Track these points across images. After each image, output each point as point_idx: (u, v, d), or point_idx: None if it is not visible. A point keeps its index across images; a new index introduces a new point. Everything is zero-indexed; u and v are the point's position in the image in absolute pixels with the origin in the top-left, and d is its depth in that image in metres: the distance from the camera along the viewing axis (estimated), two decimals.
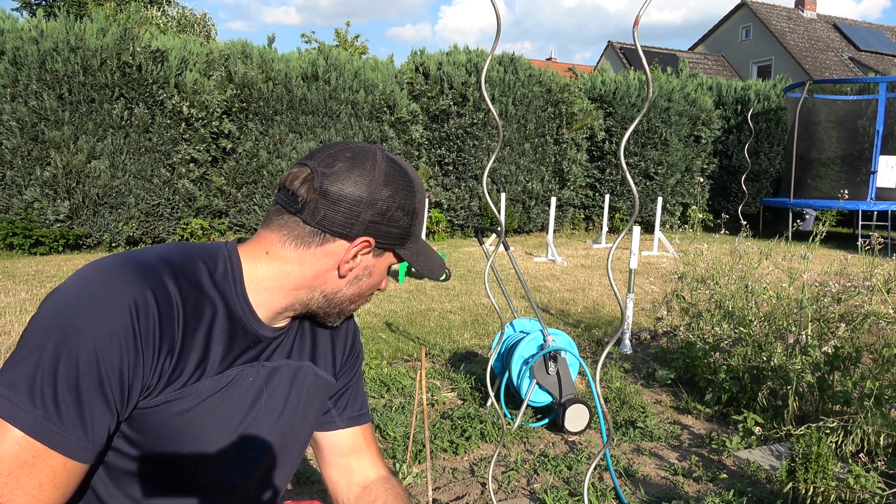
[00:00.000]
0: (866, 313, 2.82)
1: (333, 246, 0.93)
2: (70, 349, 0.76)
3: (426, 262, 1.04)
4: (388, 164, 0.95)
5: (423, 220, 1.02)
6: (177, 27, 20.50)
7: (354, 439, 1.17)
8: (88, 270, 0.84)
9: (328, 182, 0.90)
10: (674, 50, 28.14)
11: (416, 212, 0.98)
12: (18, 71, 6.89)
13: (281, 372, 1.01)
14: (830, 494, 2.01)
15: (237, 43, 8.71)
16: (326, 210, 0.91)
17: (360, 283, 0.99)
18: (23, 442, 0.75)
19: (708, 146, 11.74)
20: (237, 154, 8.39)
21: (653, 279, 5.88)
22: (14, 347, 0.81)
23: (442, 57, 9.88)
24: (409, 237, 0.99)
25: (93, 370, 0.78)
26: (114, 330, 0.79)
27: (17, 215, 7.08)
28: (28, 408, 0.75)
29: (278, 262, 0.94)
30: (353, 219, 0.92)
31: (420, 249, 1.03)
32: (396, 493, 1.15)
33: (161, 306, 0.83)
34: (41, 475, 0.76)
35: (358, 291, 1.00)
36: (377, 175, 0.93)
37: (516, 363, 2.85)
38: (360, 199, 0.92)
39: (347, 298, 1.00)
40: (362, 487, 1.15)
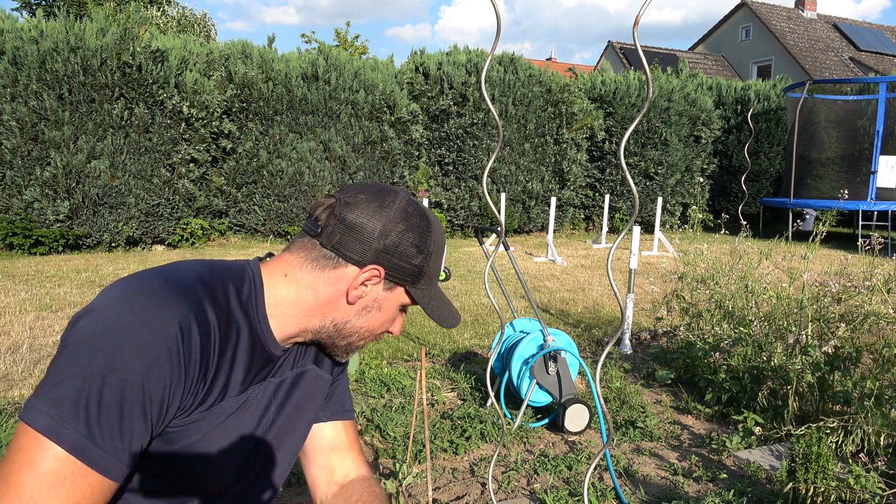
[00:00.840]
0: (866, 313, 2.82)
1: (345, 271, 0.97)
2: (117, 372, 0.77)
3: (439, 309, 1.06)
4: (409, 204, 1.00)
5: (438, 266, 1.05)
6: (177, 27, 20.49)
7: (336, 435, 1.19)
8: (130, 291, 0.83)
9: (347, 210, 0.96)
10: (674, 50, 28.14)
11: (431, 253, 1.01)
12: (18, 71, 6.89)
13: (286, 382, 1.05)
14: (830, 494, 2.01)
15: (237, 43, 8.71)
16: (342, 235, 0.96)
17: (370, 315, 1.01)
18: (64, 459, 0.76)
19: (708, 146, 11.74)
20: (237, 154, 8.40)
21: (653, 279, 5.88)
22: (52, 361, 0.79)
23: (442, 57, 9.88)
24: (421, 277, 1.01)
25: (137, 394, 0.79)
26: (160, 355, 0.80)
27: (17, 215, 7.08)
28: (72, 427, 0.76)
29: (295, 285, 0.97)
30: (365, 246, 0.96)
31: (435, 295, 1.06)
32: (374, 493, 1.16)
33: (202, 332, 0.86)
34: (78, 493, 0.77)
35: (367, 325, 1.02)
36: (395, 210, 0.98)
37: (516, 363, 2.85)
38: (375, 229, 0.96)
39: (356, 331, 1.02)
40: (341, 486, 1.17)
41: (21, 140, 6.95)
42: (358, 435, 1.24)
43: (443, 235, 1.05)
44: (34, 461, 0.75)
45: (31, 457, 0.75)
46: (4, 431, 1.99)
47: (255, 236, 8.87)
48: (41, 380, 0.80)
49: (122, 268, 6.41)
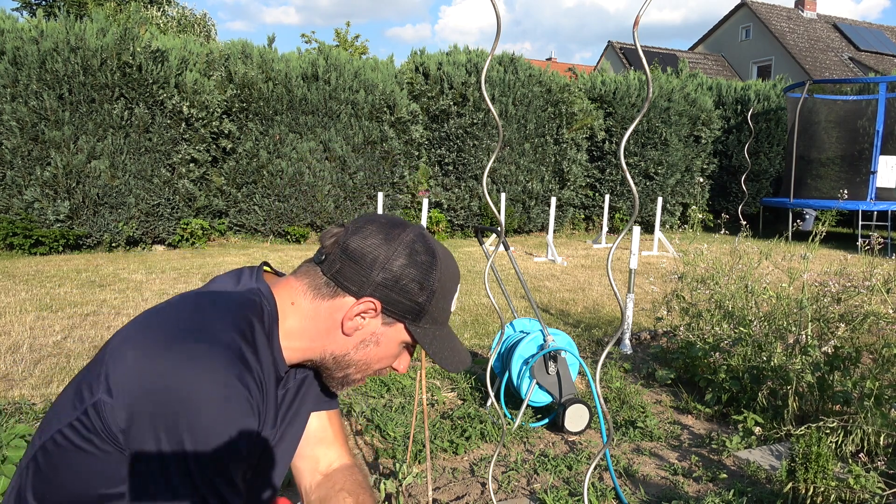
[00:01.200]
0: (866, 313, 2.82)
1: (343, 301, 0.97)
2: (217, 450, 0.81)
3: (442, 350, 1.02)
4: (417, 239, 0.99)
5: (444, 307, 1.01)
6: (177, 27, 20.50)
7: (321, 425, 1.20)
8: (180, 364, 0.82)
9: (351, 239, 0.96)
10: (674, 50, 28.14)
11: (434, 291, 0.98)
12: (18, 71, 6.89)
13: (290, 391, 1.08)
14: (830, 494, 2.01)
15: (237, 43, 8.71)
16: (342, 264, 0.96)
17: (367, 350, 1.00)
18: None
19: (708, 146, 11.74)
20: (237, 154, 8.40)
21: (653, 279, 5.88)
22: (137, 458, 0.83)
23: (442, 57, 9.88)
24: (422, 315, 0.99)
25: (238, 460, 0.85)
26: (245, 425, 0.84)
27: (17, 215, 7.08)
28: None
29: (299, 315, 0.98)
30: (363, 277, 0.95)
31: (439, 335, 1.02)
32: (356, 481, 1.17)
33: (259, 386, 0.89)
34: None
35: (365, 359, 1.01)
36: (399, 243, 0.97)
37: (516, 363, 2.85)
38: (375, 260, 0.95)
39: (354, 363, 1.01)
40: (324, 475, 1.18)
41: (21, 140, 6.95)
42: (343, 422, 1.26)
43: (454, 277, 1.02)
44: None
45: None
46: (4, 431, 1.99)
47: (255, 236, 8.87)
48: (142, 472, 0.82)
49: (122, 268, 6.41)
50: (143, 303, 4.91)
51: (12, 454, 1.84)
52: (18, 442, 1.91)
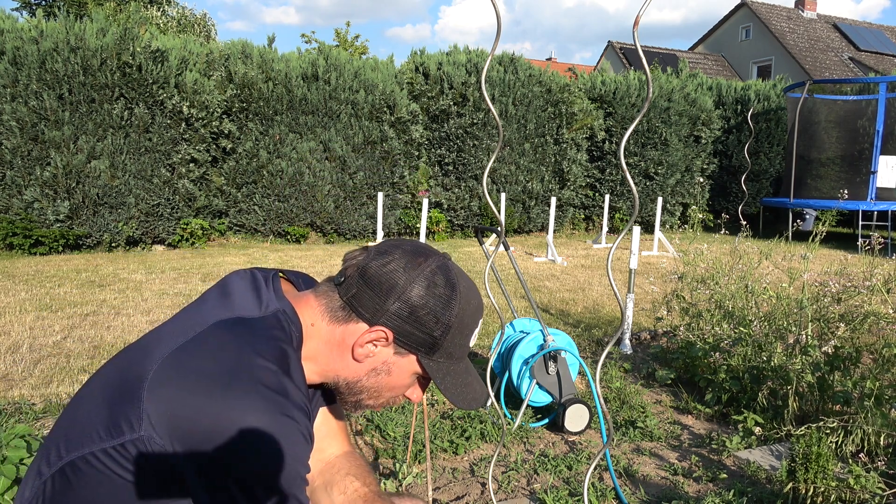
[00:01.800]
0: (866, 313, 2.82)
1: (356, 327, 0.96)
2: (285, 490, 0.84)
3: (455, 387, 0.99)
4: (438, 270, 0.96)
5: (461, 343, 0.99)
6: (177, 27, 20.50)
7: (324, 420, 1.21)
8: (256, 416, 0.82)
9: (371, 265, 0.95)
10: (674, 50, 28.14)
11: (451, 326, 0.95)
12: (18, 71, 6.89)
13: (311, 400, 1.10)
14: (830, 494, 2.01)
15: (237, 43, 8.71)
16: (359, 289, 0.95)
17: (379, 378, 0.99)
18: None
19: (708, 146, 11.74)
20: (237, 154, 8.40)
21: (653, 279, 5.88)
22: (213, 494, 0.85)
23: (442, 57, 9.88)
24: (436, 349, 0.97)
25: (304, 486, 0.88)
26: (302, 456, 0.86)
27: (17, 215, 7.08)
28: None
29: (317, 338, 0.98)
30: (378, 304, 0.94)
31: (454, 371, 1.00)
32: (359, 465, 1.19)
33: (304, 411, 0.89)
34: None
35: (376, 387, 1.00)
36: (419, 273, 0.94)
37: (516, 363, 2.85)
38: (392, 288, 0.94)
39: (366, 392, 1.01)
40: (326, 463, 1.20)
41: (21, 140, 6.95)
42: (343, 413, 1.26)
43: (475, 313, 0.99)
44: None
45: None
46: (4, 431, 1.99)
47: (255, 236, 8.87)
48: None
49: (122, 268, 6.41)
50: (142, 303, 4.91)
51: (12, 454, 1.83)
52: (18, 442, 1.91)
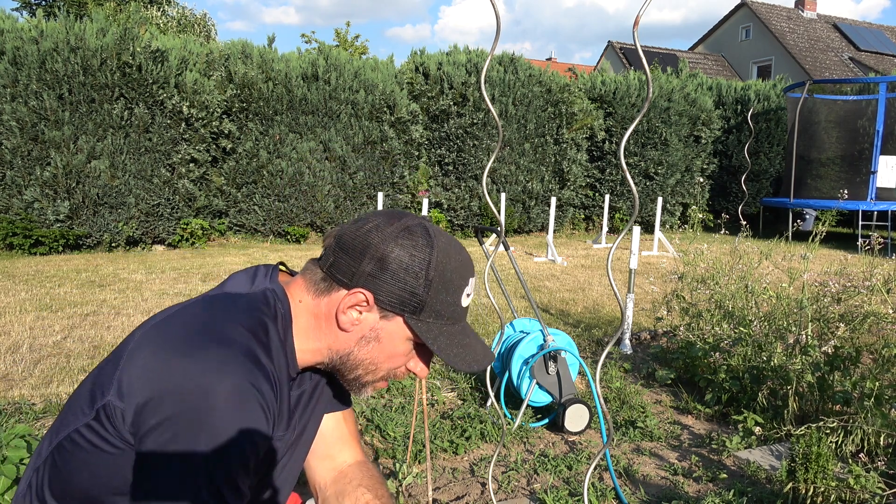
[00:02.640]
0: (866, 313, 2.82)
1: (337, 295, 0.94)
2: (224, 453, 0.80)
3: (451, 347, 0.94)
4: (416, 227, 0.94)
5: (448, 298, 0.94)
6: (177, 27, 20.50)
7: (337, 425, 1.20)
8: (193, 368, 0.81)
9: (347, 231, 0.93)
10: (674, 50, 28.14)
11: (431, 281, 0.91)
12: (18, 71, 6.89)
13: (305, 394, 1.08)
14: (830, 494, 2.01)
15: (237, 43, 8.71)
16: (336, 256, 0.93)
17: (370, 348, 0.95)
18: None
19: (708, 146, 11.74)
20: (237, 154, 8.40)
21: (653, 279, 5.88)
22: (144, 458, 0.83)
23: (442, 57, 9.88)
24: (421, 307, 0.92)
25: (245, 465, 0.83)
26: (255, 429, 0.83)
27: (17, 215, 7.08)
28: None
29: (305, 314, 0.96)
30: (354, 267, 0.91)
31: (447, 332, 0.95)
32: (372, 475, 1.18)
33: (273, 389, 0.88)
34: None
35: (370, 358, 0.96)
36: (394, 230, 0.92)
37: (516, 363, 2.85)
38: (366, 249, 0.91)
39: (362, 366, 0.97)
40: (339, 472, 1.18)
41: (21, 140, 6.95)
42: (356, 422, 1.26)
43: (460, 270, 0.95)
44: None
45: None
46: (4, 431, 1.99)
47: (255, 236, 8.87)
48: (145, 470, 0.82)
49: (122, 268, 6.41)
50: (142, 303, 4.91)
51: (12, 454, 1.83)
52: (18, 442, 1.91)
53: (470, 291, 0.98)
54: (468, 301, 0.98)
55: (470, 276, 0.98)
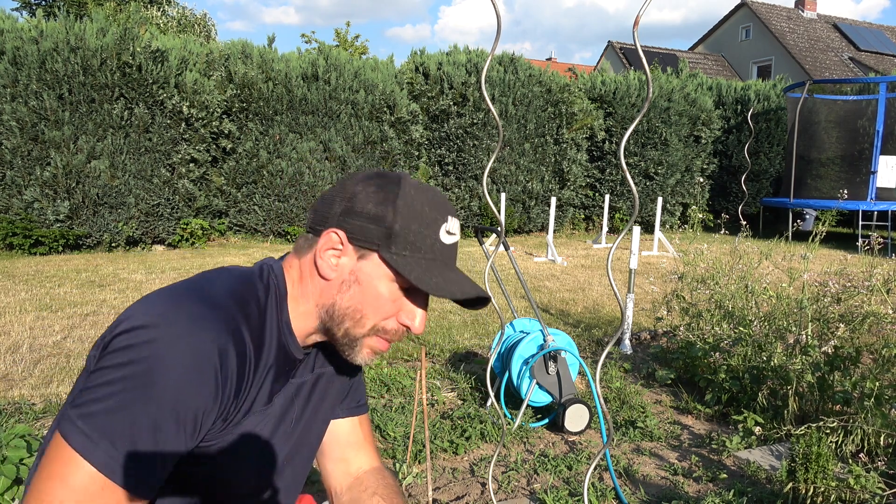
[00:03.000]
0: (866, 313, 2.82)
1: (315, 245, 0.93)
2: (155, 400, 0.77)
3: (431, 277, 0.90)
4: (389, 172, 0.95)
5: (421, 230, 0.91)
6: (177, 27, 20.50)
7: (353, 429, 1.19)
8: (168, 312, 0.81)
9: (328, 188, 0.95)
10: (674, 50, 28.14)
11: (398, 209, 0.89)
12: (18, 71, 6.88)
13: (306, 385, 1.05)
14: (830, 494, 2.01)
15: (237, 43, 8.71)
16: (315, 212, 0.94)
17: (351, 292, 0.91)
18: (95, 476, 0.77)
19: (708, 146, 11.74)
20: (237, 154, 8.40)
21: (653, 279, 5.88)
22: (92, 373, 0.80)
23: (442, 57, 9.88)
24: (392, 238, 0.89)
25: (174, 419, 0.79)
26: (198, 383, 0.80)
27: (17, 215, 7.08)
28: (106, 447, 0.76)
29: (294, 279, 0.96)
30: (328, 213, 0.92)
31: (427, 266, 0.91)
32: (388, 484, 1.16)
33: (238, 355, 0.85)
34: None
35: (354, 305, 0.92)
36: (365, 174, 0.94)
37: (516, 363, 2.85)
38: (338, 193, 0.93)
39: (345, 314, 0.92)
40: (355, 478, 1.17)
41: (21, 140, 6.95)
42: (371, 427, 1.25)
43: (434, 204, 0.92)
44: (66, 476, 0.76)
45: (64, 471, 0.77)
46: (4, 431, 1.99)
47: (255, 236, 8.87)
48: (81, 388, 0.80)
49: (121, 268, 6.41)
50: None
51: (12, 454, 1.83)
52: (18, 442, 1.91)
53: (451, 230, 0.94)
54: (451, 240, 0.94)
55: (449, 214, 0.94)
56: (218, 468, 0.92)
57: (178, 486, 0.90)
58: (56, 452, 0.77)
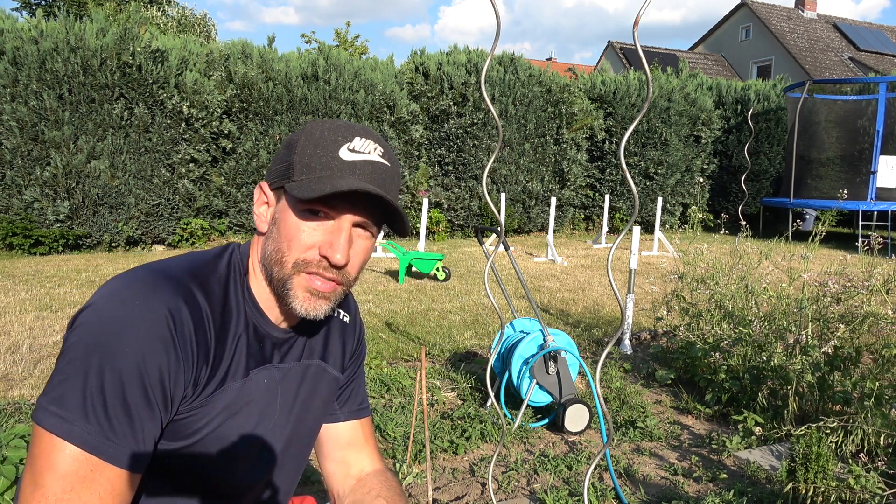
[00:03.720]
0: (866, 313, 2.82)
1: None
2: (114, 365, 0.78)
3: (310, 186, 0.87)
4: None
5: (315, 152, 0.88)
6: (177, 27, 20.50)
7: (354, 432, 1.19)
8: (120, 286, 0.83)
9: None
10: (674, 50, 28.14)
11: (297, 140, 0.90)
12: (18, 71, 6.89)
13: (293, 374, 1.03)
14: (830, 494, 2.01)
15: (237, 43, 8.71)
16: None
17: (274, 235, 0.91)
18: (80, 458, 0.77)
19: (708, 146, 11.74)
20: (237, 154, 8.40)
21: (653, 279, 5.88)
22: (55, 365, 0.81)
23: (442, 57, 9.88)
24: (291, 167, 0.88)
25: (137, 383, 0.79)
26: (153, 341, 0.80)
27: (17, 215, 7.08)
28: (82, 424, 0.76)
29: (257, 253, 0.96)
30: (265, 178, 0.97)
31: (314, 180, 0.87)
32: (391, 486, 1.16)
33: (194, 316, 0.85)
34: (100, 489, 0.78)
35: (274, 246, 0.90)
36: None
37: (516, 363, 2.85)
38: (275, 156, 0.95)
39: (271, 259, 0.91)
40: (357, 480, 1.17)
41: (21, 140, 6.95)
42: (374, 429, 1.24)
43: (333, 127, 0.90)
44: (53, 463, 0.76)
45: (50, 459, 0.76)
46: (4, 431, 1.99)
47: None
48: (48, 378, 0.81)
49: (122, 268, 6.41)
50: None
51: (12, 454, 1.84)
52: (18, 442, 1.91)
53: (357, 148, 0.90)
54: (354, 157, 0.89)
55: (357, 135, 0.90)
56: (207, 455, 0.91)
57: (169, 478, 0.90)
58: (37, 443, 0.77)
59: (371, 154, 0.90)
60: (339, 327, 1.12)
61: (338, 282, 0.92)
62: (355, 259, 0.93)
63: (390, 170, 0.92)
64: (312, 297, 0.91)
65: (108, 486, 0.78)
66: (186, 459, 0.90)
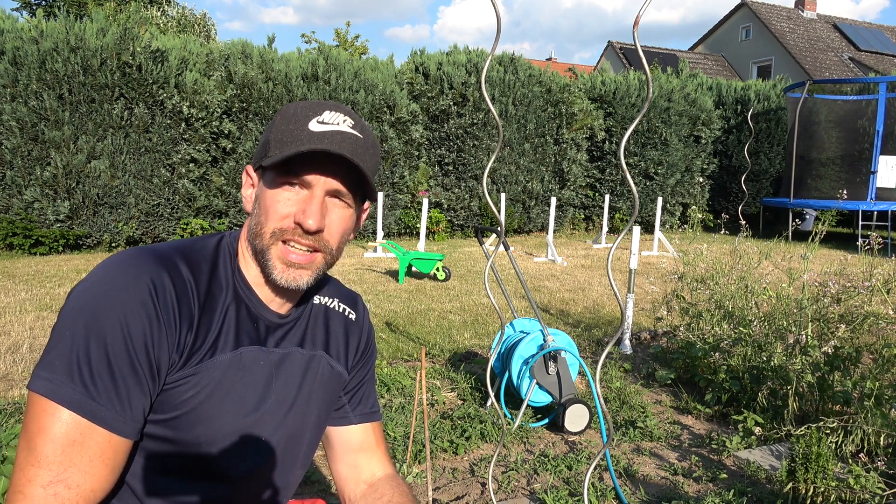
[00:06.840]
0: (866, 313, 2.82)
1: None
2: (98, 329, 0.82)
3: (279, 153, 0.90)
4: None
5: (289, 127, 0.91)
6: (177, 27, 20.50)
7: (365, 436, 1.18)
8: (109, 262, 0.88)
9: None
10: (674, 50, 28.14)
11: (275, 122, 0.93)
12: (18, 71, 6.89)
13: (292, 359, 1.02)
14: (830, 494, 2.01)
15: (237, 43, 8.71)
16: None
17: (256, 212, 0.95)
18: (70, 421, 0.80)
19: (708, 146, 11.74)
20: (237, 154, 8.40)
21: (653, 279, 5.88)
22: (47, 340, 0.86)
23: (442, 57, 9.88)
24: (268, 145, 0.92)
25: (121, 346, 0.83)
26: (135, 307, 0.84)
27: (17, 215, 7.08)
28: (68, 387, 0.80)
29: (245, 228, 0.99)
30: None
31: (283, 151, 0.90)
32: (402, 492, 1.15)
33: (177, 285, 0.88)
34: (91, 451, 0.81)
35: (255, 220, 0.94)
36: None
37: (516, 363, 2.85)
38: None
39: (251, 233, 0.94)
40: (369, 485, 1.16)
41: (21, 140, 6.95)
42: (384, 433, 1.23)
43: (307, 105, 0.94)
44: (44, 426, 0.79)
45: (41, 422, 0.79)
46: (4, 431, 1.99)
47: None
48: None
49: None
50: None
51: (12, 454, 1.84)
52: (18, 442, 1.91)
53: (325, 120, 0.92)
54: (322, 128, 0.91)
55: (326, 109, 0.93)
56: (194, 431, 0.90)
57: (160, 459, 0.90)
58: (30, 409, 0.81)
59: (340, 125, 0.93)
60: (342, 322, 1.12)
61: (315, 248, 0.94)
62: (333, 227, 0.95)
63: (361, 140, 0.94)
64: (289, 269, 0.94)
65: (98, 449, 0.81)
66: (176, 434, 0.90)
